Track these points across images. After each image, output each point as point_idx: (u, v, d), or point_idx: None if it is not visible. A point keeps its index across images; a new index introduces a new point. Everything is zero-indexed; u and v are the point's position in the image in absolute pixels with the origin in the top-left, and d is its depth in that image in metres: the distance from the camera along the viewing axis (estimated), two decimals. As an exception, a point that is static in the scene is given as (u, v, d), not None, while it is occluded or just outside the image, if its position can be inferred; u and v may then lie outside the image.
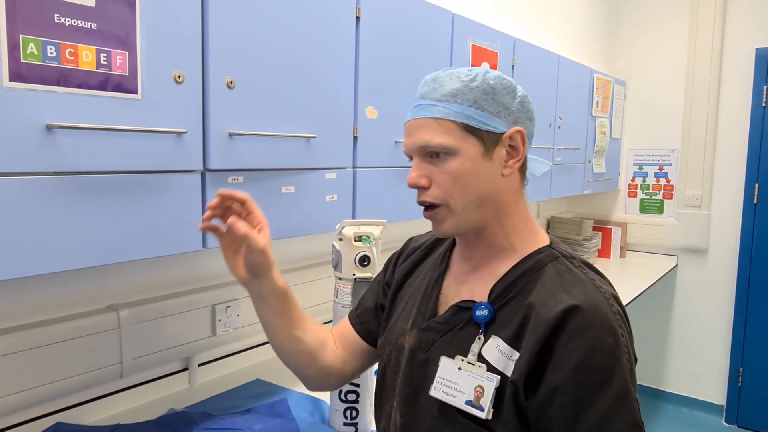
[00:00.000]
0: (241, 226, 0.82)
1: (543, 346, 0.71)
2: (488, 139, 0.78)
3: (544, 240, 0.84)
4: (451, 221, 0.80)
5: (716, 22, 3.21)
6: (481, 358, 0.77)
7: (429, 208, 0.81)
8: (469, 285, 0.84)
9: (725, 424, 3.31)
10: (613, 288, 0.80)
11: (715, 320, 3.35)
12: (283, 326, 0.92)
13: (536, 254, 0.81)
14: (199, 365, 1.49)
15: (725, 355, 3.33)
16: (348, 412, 1.22)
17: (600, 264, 3.30)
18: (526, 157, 0.84)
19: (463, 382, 0.76)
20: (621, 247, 3.48)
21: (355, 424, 1.23)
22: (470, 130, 0.77)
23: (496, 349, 0.76)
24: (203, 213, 1.06)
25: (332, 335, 1.02)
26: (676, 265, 3.43)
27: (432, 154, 0.79)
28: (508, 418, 0.73)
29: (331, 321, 1.77)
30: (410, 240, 1.04)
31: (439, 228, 0.82)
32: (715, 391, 3.38)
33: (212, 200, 0.86)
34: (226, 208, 0.87)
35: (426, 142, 0.78)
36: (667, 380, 3.55)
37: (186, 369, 1.47)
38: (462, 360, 0.78)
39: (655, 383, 3.59)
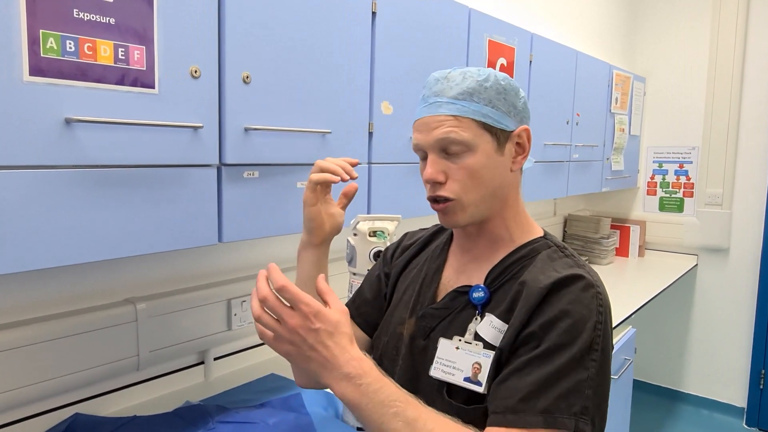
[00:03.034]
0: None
1: (530, 316, 0.77)
2: (501, 136, 0.83)
3: (539, 232, 0.90)
4: (462, 214, 0.83)
5: (739, 17, 3.14)
6: (477, 336, 0.81)
7: (440, 201, 0.83)
8: (467, 273, 0.89)
9: (746, 426, 3.25)
10: (600, 282, 0.84)
11: (736, 321, 3.29)
12: None
13: (531, 243, 0.87)
14: (215, 359, 1.50)
15: (746, 357, 3.26)
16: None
17: (618, 263, 3.26)
18: None
19: (461, 360, 0.81)
20: (639, 246, 3.43)
21: (369, 420, 1.23)
22: (486, 127, 0.81)
23: (490, 325, 0.81)
24: (219, 207, 1.07)
25: None
26: (696, 265, 3.37)
27: (449, 150, 0.81)
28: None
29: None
30: (405, 235, 1.08)
31: (450, 220, 0.84)
32: (736, 394, 3.32)
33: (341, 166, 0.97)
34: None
35: (447, 136, 0.80)
36: (687, 382, 3.49)
37: (202, 363, 1.49)
38: (459, 340, 0.82)
39: (675, 385, 3.53)
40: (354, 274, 1.29)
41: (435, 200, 0.84)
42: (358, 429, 1.22)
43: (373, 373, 0.71)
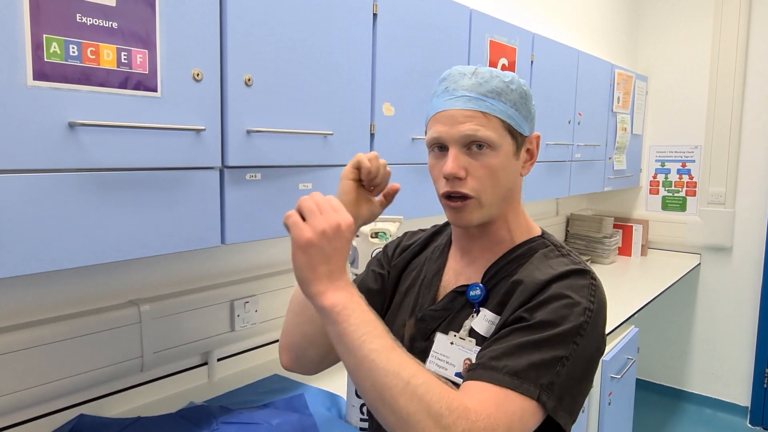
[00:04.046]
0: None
1: (523, 305, 0.77)
2: (519, 140, 0.84)
3: (536, 231, 0.91)
4: (477, 213, 0.83)
5: (741, 15, 3.13)
6: (472, 333, 0.82)
7: (459, 198, 0.82)
8: (466, 274, 0.89)
9: (750, 425, 3.25)
10: (597, 278, 0.84)
11: (739, 320, 3.29)
12: None
13: (529, 242, 0.88)
14: (218, 360, 1.51)
15: (750, 356, 3.26)
16: (364, 408, 1.22)
17: (621, 262, 3.26)
18: None
19: (454, 355, 0.82)
20: (642, 245, 3.43)
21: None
22: (509, 128, 0.82)
23: (484, 319, 0.82)
24: (221, 209, 1.08)
25: None
26: (699, 264, 3.37)
27: (472, 147, 0.80)
28: None
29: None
30: (405, 234, 1.07)
31: (464, 219, 0.83)
32: (740, 393, 3.32)
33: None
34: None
35: (475, 133, 0.79)
36: (690, 381, 3.49)
37: (205, 363, 1.49)
38: (454, 335, 0.84)
39: (678, 384, 3.53)
40: (356, 275, 1.29)
41: (450, 197, 0.82)
42: (361, 429, 1.23)
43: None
